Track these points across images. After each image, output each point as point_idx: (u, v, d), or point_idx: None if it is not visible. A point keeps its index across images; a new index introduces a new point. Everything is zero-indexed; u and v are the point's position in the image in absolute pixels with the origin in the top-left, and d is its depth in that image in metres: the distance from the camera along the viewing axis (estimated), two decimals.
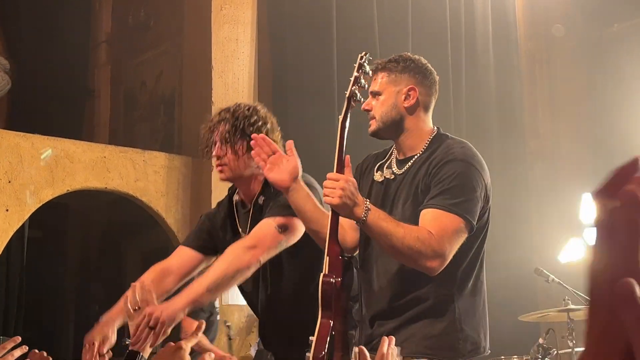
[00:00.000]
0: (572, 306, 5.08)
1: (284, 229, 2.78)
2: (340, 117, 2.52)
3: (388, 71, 2.73)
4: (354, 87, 2.55)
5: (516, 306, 6.27)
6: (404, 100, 2.70)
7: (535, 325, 6.81)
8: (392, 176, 2.74)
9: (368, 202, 2.44)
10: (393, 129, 2.71)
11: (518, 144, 8.24)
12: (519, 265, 7.35)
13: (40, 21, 8.40)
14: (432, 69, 2.84)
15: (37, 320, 8.04)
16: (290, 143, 2.64)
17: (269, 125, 2.99)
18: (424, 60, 2.83)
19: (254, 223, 2.90)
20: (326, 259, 2.40)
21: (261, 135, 2.69)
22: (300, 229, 2.79)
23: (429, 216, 2.52)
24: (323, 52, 6.86)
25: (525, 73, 8.71)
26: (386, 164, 2.79)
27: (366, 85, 2.60)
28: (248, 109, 3.01)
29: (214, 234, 3.11)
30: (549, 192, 8.52)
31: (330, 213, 2.45)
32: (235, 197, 3.10)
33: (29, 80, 8.17)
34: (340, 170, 2.45)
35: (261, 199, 2.97)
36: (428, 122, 2.78)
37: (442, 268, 2.49)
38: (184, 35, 7.54)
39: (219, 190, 6.63)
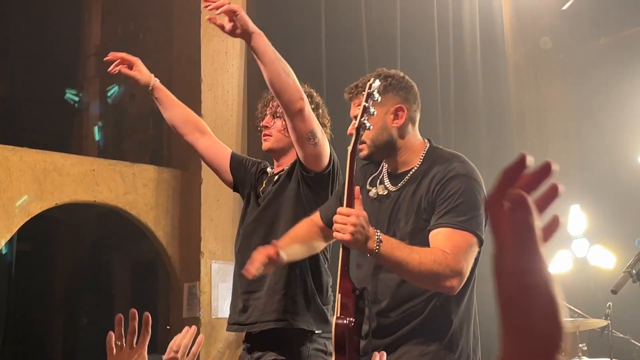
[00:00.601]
0: None
1: None
2: (349, 149, 2.48)
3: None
4: (363, 117, 2.48)
5: None
6: (393, 120, 2.67)
7: None
8: (386, 192, 2.70)
9: (379, 233, 2.40)
10: (386, 150, 2.69)
11: (505, 156, 8.26)
12: None
13: (29, 33, 8.40)
14: (412, 82, 2.79)
15: (26, 332, 8.02)
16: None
17: (320, 111, 3.20)
18: (401, 73, 2.79)
19: (274, 187, 3.12)
20: (338, 298, 2.37)
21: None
22: None
23: (441, 236, 2.49)
24: (312, 65, 6.88)
25: (512, 85, 8.75)
26: (378, 179, 2.76)
27: (375, 113, 2.52)
28: (308, 89, 3.21)
29: (247, 174, 3.32)
30: None
31: (341, 249, 2.41)
32: (269, 169, 3.29)
33: (18, 93, 8.16)
34: (351, 203, 2.39)
35: (287, 167, 3.14)
36: (418, 136, 2.75)
37: (461, 285, 2.48)
38: (173, 47, 7.55)
39: (208, 203, 6.65)
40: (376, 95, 2.50)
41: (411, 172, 2.67)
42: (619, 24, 8.18)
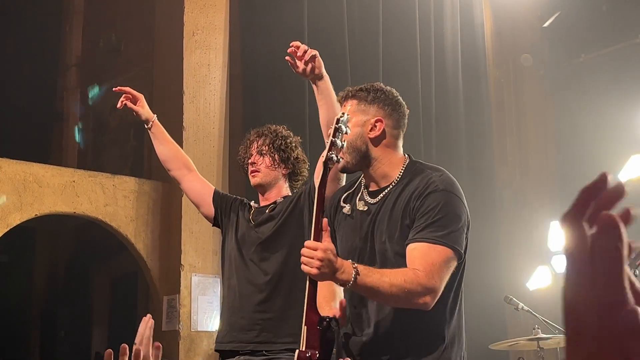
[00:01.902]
0: (542, 335, 5.11)
1: None
2: (317, 182, 2.48)
3: (357, 99, 2.72)
4: (331, 152, 2.46)
5: (485, 334, 6.28)
6: (370, 130, 2.68)
7: (504, 353, 6.84)
8: (365, 207, 2.69)
9: (356, 265, 2.39)
10: (359, 158, 2.68)
11: (487, 171, 8.31)
12: (488, 293, 7.38)
13: (8, 43, 8.35)
14: (403, 102, 2.80)
15: (2, 344, 7.93)
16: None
17: (298, 151, 3.50)
18: (395, 93, 2.81)
19: (263, 219, 3.35)
20: (304, 330, 2.36)
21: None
22: None
23: (416, 252, 2.50)
24: (295, 78, 6.87)
25: (493, 101, 8.81)
26: (357, 196, 2.75)
27: (344, 146, 2.50)
28: (286, 130, 3.51)
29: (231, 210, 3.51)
30: (517, 220, 8.59)
31: (307, 281, 2.40)
32: (253, 203, 3.51)
33: None
34: (318, 236, 2.37)
35: (280, 199, 3.38)
36: (398, 152, 2.75)
37: (435, 301, 2.48)
38: (155, 59, 7.53)
39: (189, 215, 6.62)
40: (344, 128, 2.48)
41: (390, 187, 2.67)
42: (599, 42, 8.26)
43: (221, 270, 3.54)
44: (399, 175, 2.68)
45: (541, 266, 7.76)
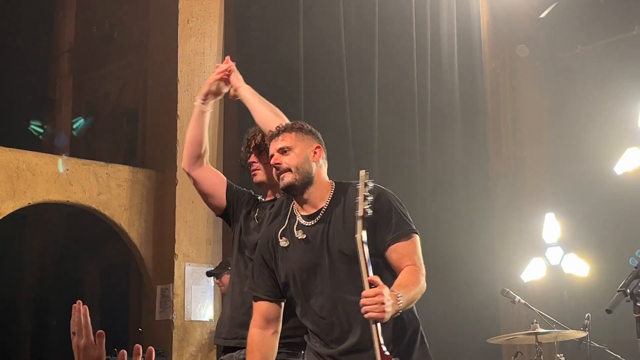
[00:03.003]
0: (540, 329, 5.09)
1: None
2: (358, 236, 2.69)
3: (296, 131, 2.98)
4: (366, 204, 2.71)
5: (481, 328, 6.27)
6: (313, 155, 2.96)
7: (499, 347, 6.82)
8: (304, 235, 2.92)
9: (394, 291, 2.64)
10: (304, 179, 2.94)
11: (482, 164, 8.29)
12: (483, 286, 7.37)
13: (1, 28, 8.27)
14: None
15: None
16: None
17: None
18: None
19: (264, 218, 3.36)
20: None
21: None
22: None
23: (400, 251, 2.84)
24: (290, 66, 6.85)
25: (489, 91, 8.78)
26: (294, 226, 2.96)
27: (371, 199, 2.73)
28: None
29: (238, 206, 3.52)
30: (512, 212, 8.58)
31: (374, 328, 2.59)
32: (260, 198, 3.53)
33: None
34: (369, 284, 2.61)
35: (279, 197, 3.39)
36: (326, 177, 3.04)
37: None
38: (149, 47, 7.46)
39: (183, 205, 6.58)
40: (370, 185, 2.74)
41: (325, 207, 2.94)
42: (595, 34, 8.23)
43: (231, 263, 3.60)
44: (331, 195, 2.97)
45: (535, 258, 7.76)
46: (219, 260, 6.58)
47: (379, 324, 2.58)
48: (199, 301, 6.59)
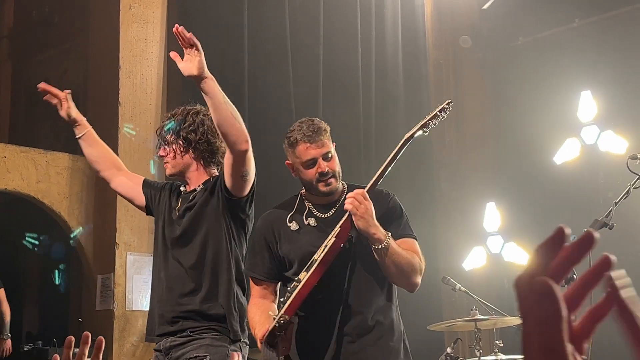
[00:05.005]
0: (480, 316, 5.16)
1: None
2: (406, 135, 3.05)
3: (328, 133, 3.06)
4: (422, 129, 3.04)
5: (422, 315, 6.32)
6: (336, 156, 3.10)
7: (441, 334, 6.90)
8: (316, 223, 3.06)
9: (389, 233, 2.89)
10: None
11: (424, 152, 8.34)
12: (425, 274, 7.41)
13: None
14: None
15: None
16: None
17: (204, 127, 3.35)
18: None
19: (183, 210, 3.33)
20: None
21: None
22: None
23: (405, 245, 2.97)
24: (234, 53, 6.79)
25: (432, 82, 8.84)
26: (304, 214, 3.08)
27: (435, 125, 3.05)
28: (184, 112, 3.40)
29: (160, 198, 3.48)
30: (453, 200, 8.67)
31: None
32: (182, 188, 3.47)
33: None
34: (372, 191, 2.95)
35: (199, 187, 3.35)
36: None
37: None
38: (90, 33, 7.34)
39: None
40: (444, 115, 3.03)
41: (339, 201, 3.07)
42: (537, 25, 8.33)
43: (154, 255, 3.52)
44: (345, 190, 3.11)
45: (477, 247, 7.85)
46: None
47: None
48: (140, 291, 6.52)
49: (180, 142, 3.32)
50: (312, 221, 3.05)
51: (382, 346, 2.94)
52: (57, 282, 7.87)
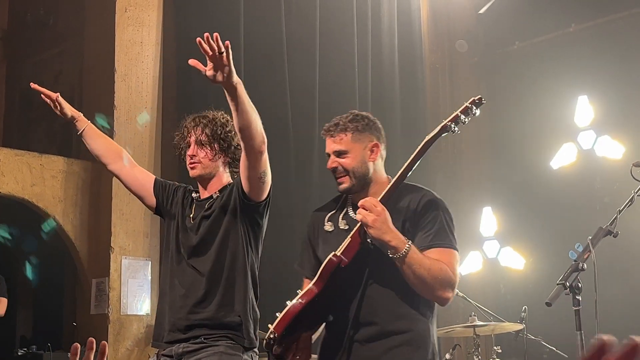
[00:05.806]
0: (478, 322, 5.13)
1: None
2: (428, 137, 2.91)
3: (352, 131, 2.91)
4: (452, 123, 2.93)
5: None
6: (370, 155, 2.92)
7: (439, 340, 6.87)
8: (347, 226, 2.91)
9: (409, 240, 2.68)
10: (363, 183, 2.91)
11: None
12: None
13: None
14: (380, 124, 3.08)
15: None
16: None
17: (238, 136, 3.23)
18: (372, 116, 3.06)
19: (200, 218, 3.28)
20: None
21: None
22: None
23: (435, 254, 2.73)
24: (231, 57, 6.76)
25: (429, 85, 8.82)
26: (340, 215, 2.98)
27: (464, 123, 2.93)
28: (224, 118, 3.33)
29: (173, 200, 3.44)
30: (449, 205, 8.62)
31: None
32: (194, 195, 3.41)
33: None
34: (387, 198, 2.75)
35: (215, 195, 3.30)
36: (384, 172, 3.01)
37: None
38: (85, 35, 7.31)
39: (120, 197, 6.46)
40: (475, 110, 2.95)
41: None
42: (533, 30, 8.33)
43: (164, 259, 3.45)
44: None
45: (473, 251, 7.84)
46: (156, 253, 6.48)
47: None
48: (135, 295, 6.49)
49: (216, 146, 3.28)
50: (343, 223, 2.95)
51: (397, 355, 2.78)
52: (30, 277, 7.82)
